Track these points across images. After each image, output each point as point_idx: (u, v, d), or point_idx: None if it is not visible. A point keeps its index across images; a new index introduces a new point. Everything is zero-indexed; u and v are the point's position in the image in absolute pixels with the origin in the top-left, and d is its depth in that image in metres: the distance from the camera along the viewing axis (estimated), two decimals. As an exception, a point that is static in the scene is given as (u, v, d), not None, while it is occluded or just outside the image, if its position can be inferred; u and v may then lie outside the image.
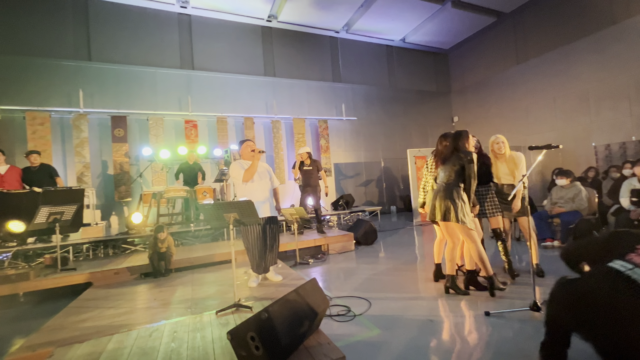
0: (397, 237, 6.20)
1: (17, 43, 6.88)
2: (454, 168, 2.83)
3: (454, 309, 2.63)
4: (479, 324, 2.35)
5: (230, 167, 3.22)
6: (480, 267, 2.86)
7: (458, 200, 2.77)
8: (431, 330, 2.29)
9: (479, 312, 2.52)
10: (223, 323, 2.32)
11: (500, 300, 2.76)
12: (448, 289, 2.97)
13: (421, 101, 11.53)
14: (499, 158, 3.40)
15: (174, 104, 8.02)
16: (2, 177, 4.98)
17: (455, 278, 2.99)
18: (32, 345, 2.19)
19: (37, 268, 3.75)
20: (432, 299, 2.88)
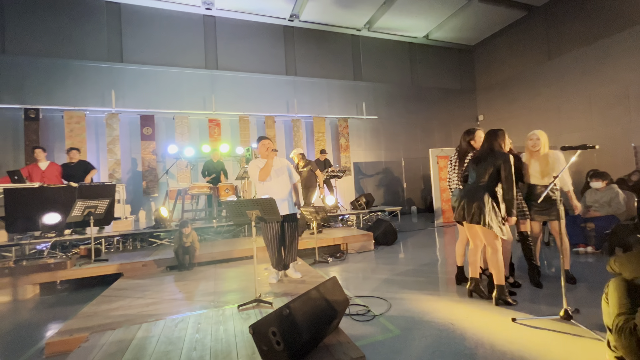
0: (418, 238, 6.09)
1: (57, 47, 7.33)
2: (489, 170, 2.66)
3: (478, 314, 2.55)
4: (505, 330, 2.27)
5: (249, 165, 3.28)
6: (494, 274, 2.72)
7: (488, 204, 2.64)
8: (453, 334, 2.24)
9: (505, 318, 2.44)
10: (244, 317, 2.38)
11: (527, 306, 2.65)
12: (471, 293, 2.89)
13: (444, 99, 11.23)
14: (533, 156, 3.17)
15: (198, 103, 8.27)
16: (43, 172, 5.35)
17: (479, 281, 2.90)
18: (69, 330, 2.34)
19: (73, 258, 3.99)
20: (454, 302, 2.81)
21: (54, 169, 5.46)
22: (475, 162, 2.81)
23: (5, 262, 3.58)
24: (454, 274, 3.44)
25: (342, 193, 9.10)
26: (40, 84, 7.09)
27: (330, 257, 4.62)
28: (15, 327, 2.82)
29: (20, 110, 6.83)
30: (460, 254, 3.30)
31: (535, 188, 3.16)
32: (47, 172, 5.38)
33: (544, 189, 3.04)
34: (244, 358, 1.79)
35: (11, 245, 4.73)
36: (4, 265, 3.53)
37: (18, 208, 4.69)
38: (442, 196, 7.61)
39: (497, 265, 2.68)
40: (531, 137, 3.16)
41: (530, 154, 3.19)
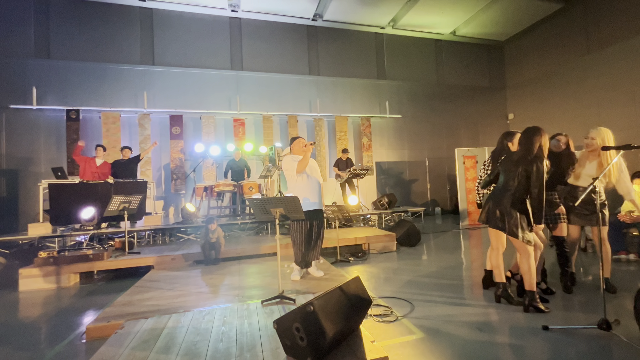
0: (442, 240, 5.94)
1: (95, 52, 7.81)
2: (518, 173, 2.50)
3: (506, 320, 2.46)
4: (536, 338, 2.17)
5: (283, 161, 3.35)
6: (525, 280, 2.60)
7: (514, 211, 2.52)
8: (480, 340, 2.17)
9: (536, 326, 2.33)
10: (268, 312, 2.44)
11: (560, 314, 2.52)
12: (499, 298, 2.79)
13: (472, 97, 10.85)
14: (589, 156, 2.95)
15: (224, 103, 8.51)
16: (97, 168, 5.86)
17: (507, 286, 2.80)
18: (106, 317, 2.50)
19: (109, 250, 4.24)
20: (481, 307, 2.72)
21: (107, 167, 6.00)
22: (505, 164, 2.67)
23: (50, 252, 3.87)
24: (481, 277, 3.33)
25: (364, 193, 9.05)
26: (80, 86, 7.58)
27: (351, 257, 4.61)
28: (58, 312, 3.05)
29: (62, 111, 7.34)
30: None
31: (577, 190, 2.98)
32: (100, 168, 5.87)
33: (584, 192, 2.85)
34: (268, 352, 1.83)
35: (55, 236, 5.10)
36: (49, 255, 3.82)
37: (61, 202, 5.06)
38: (468, 197, 7.37)
39: (528, 271, 2.57)
40: (592, 136, 2.89)
41: (589, 154, 2.96)
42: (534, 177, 2.43)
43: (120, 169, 6.06)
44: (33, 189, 6.99)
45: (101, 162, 6.02)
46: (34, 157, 7.21)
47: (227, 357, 1.80)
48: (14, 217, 6.98)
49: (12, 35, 7.32)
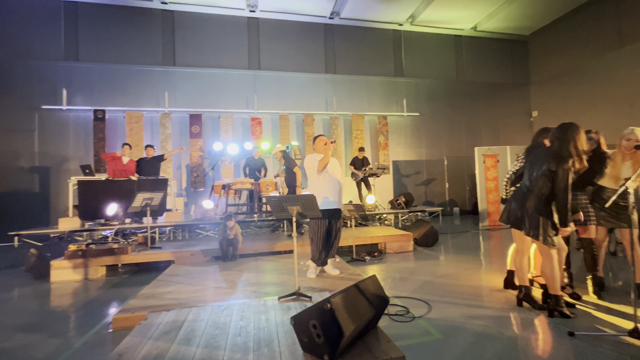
0: (461, 240, 5.80)
1: (120, 54, 8.11)
2: (543, 172, 2.38)
3: (529, 324, 2.38)
4: (561, 344, 2.09)
5: (305, 159, 3.37)
6: (549, 284, 2.50)
7: (536, 213, 2.41)
8: (502, 344, 2.11)
9: (561, 331, 2.24)
10: (285, 309, 2.46)
11: (587, 320, 2.41)
12: (521, 302, 2.70)
13: (493, 94, 10.52)
14: (625, 158, 2.78)
15: (241, 103, 8.65)
16: (123, 165, 6.10)
17: (529, 289, 2.70)
18: (131, 309, 2.61)
19: (133, 244, 4.41)
20: (502, 310, 2.65)
21: (132, 164, 6.24)
22: (531, 162, 2.55)
23: (78, 246, 4.07)
24: (501, 279, 3.24)
25: (380, 192, 8.96)
26: (106, 87, 7.91)
27: (367, 256, 4.59)
28: (86, 302, 3.20)
29: (90, 111, 7.68)
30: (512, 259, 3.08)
31: (605, 191, 2.84)
32: (127, 166, 6.12)
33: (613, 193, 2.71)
34: (285, 347, 1.86)
35: (83, 230, 5.36)
36: (78, 248, 4.02)
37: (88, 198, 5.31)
38: (488, 197, 7.17)
39: (551, 274, 2.47)
40: (628, 137, 2.71)
41: (623, 155, 2.79)
42: (559, 178, 2.29)
43: (145, 167, 6.30)
44: (63, 185, 7.36)
45: (127, 159, 6.26)
46: (64, 155, 7.59)
47: (245, 351, 1.84)
48: (45, 212, 7.39)
49: (44, 40, 7.72)
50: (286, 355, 1.77)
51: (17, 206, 7.25)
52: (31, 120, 7.48)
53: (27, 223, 7.09)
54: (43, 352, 2.18)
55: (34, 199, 7.38)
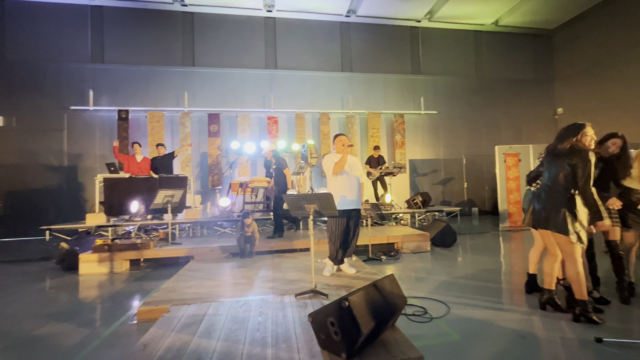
0: (480, 241, 5.67)
1: (142, 55, 8.39)
2: (564, 168, 2.36)
3: (553, 329, 2.30)
4: (587, 351, 2.01)
5: (324, 159, 3.37)
6: (574, 288, 2.41)
7: (563, 207, 2.35)
8: (524, 348, 2.06)
9: (587, 337, 2.16)
10: (302, 306, 2.49)
11: (616, 326, 2.31)
12: (545, 305, 2.61)
13: (515, 91, 10.17)
14: None
15: (258, 102, 8.75)
16: (138, 164, 6.30)
17: (554, 293, 2.61)
18: (154, 302, 2.71)
19: (154, 240, 4.57)
20: (524, 314, 2.57)
21: (146, 162, 6.43)
22: (549, 159, 2.50)
23: (105, 240, 4.25)
24: (522, 282, 3.15)
25: (397, 191, 8.87)
26: (129, 88, 8.19)
27: (384, 255, 4.56)
28: (112, 294, 3.35)
29: (114, 112, 7.98)
30: (534, 262, 2.99)
31: (632, 193, 2.71)
32: (141, 164, 6.34)
33: None
34: (302, 344, 1.88)
35: (108, 226, 5.59)
36: (104, 243, 4.20)
37: (113, 195, 5.53)
38: (509, 198, 6.96)
39: (577, 278, 2.38)
40: None
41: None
42: (581, 173, 2.27)
43: (159, 165, 6.47)
44: (90, 183, 7.70)
45: (141, 158, 6.45)
46: (91, 153, 7.94)
47: (263, 346, 1.88)
48: (74, 208, 7.76)
49: (72, 44, 8.08)
50: (304, 352, 1.79)
51: (48, 202, 7.64)
52: (60, 121, 7.86)
53: (57, 218, 7.47)
54: (74, 340, 2.31)
55: (63, 195, 7.76)
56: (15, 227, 7.38)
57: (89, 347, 2.20)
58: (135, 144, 6.51)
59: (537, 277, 3.03)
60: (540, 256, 2.98)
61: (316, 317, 1.81)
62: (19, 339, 2.37)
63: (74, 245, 4.41)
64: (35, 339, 2.35)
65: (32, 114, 7.72)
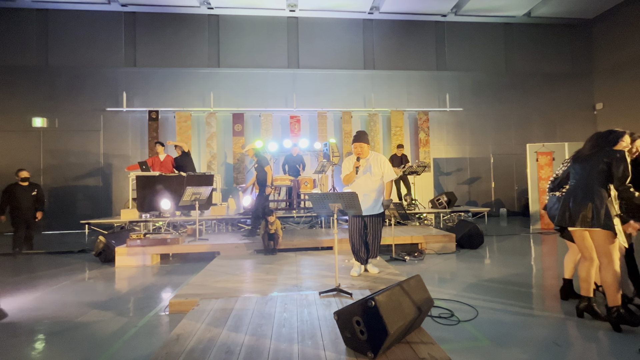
0: (509, 243, 5.45)
1: (171, 58, 8.73)
2: (597, 167, 2.30)
3: (591, 337, 2.18)
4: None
5: (344, 161, 3.36)
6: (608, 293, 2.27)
7: (600, 201, 2.25)
8: (558, 356, 1.97)
9: (630, 348, 2.03)
10: (326, 304, 2.51)
11: (664, 339, 2.15)
12: (582, 313, 2.48)
13: (549, 86, 9.64)
14: None
15: (281, 101, 8.86)
16: (162, 163, 6.55)
17: (592, 300, 2.47)
18: (184, 295, 2.83)
19: (183, 235, 4.76)
20: (559, 320, 2.45)
21: (169, 160, 6.65)
22: (578, 161, 2.46)
23: (138, 235, 4.48)
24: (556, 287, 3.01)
25: (420, 190, 8.68)
26: (158, 89, 8.56)
27: (407, 256, 4.49)
28: (145, 286, 3.53)
29: (145, 113, 8.37)
30: (570, 267, 2.84)
31: None
32: (165, 162, 6.58)
33: None
34: (328, 341, 1.90)
35: (140, 221, 5.88)
36: (137, 237, 4.43)
37: (145, 192, 5.81)
38: (541, 198, 6.63)
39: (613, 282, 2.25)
40: None
41: None
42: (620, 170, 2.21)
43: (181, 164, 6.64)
44: (124, 180, 8.13)
45: (164, 156, 6.68)
46: (124, 152, 8.38)
47: (290, 341, 1.92)
48: (109, 204, 8.23)
49: (107, 49, 8.55)
50: (329, 349, 1.81)
51: (86, 198, 8.16)
52: (97, 122, 8.35)
53: (95, 213, 7.97)
54: (113, 328, 2.46)
55: (100, 192, 8.25)
56: (58, 221, 7.94)
57: (127, 335, 2.34)
58: (158, 144, 6.73)
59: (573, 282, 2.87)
60: (576, 261, 2.82)
61: (342, 315, 1.82)
62: (66, 324, 2.55)
63: (111, 239, 4.68)
64: (79, 325, 2.53)
65: (72, 116, 8.25)
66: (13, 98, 8.11)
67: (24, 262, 4.80)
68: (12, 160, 7.90)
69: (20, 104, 8.11)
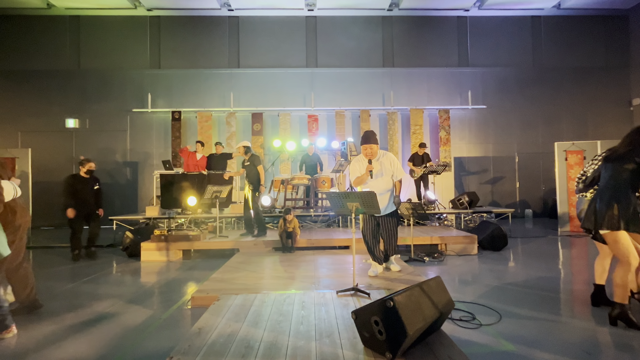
0: (535, 246, 5.22)
1: (192, 59, 8.98)
2: (628, 167, 2.20)
3: (626, 347, 2.06)
4: (669, 375, 1.77)
5: (351, 162, 3.34)
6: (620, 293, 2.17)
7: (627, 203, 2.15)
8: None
9: (669, 360, 1.90)
10: (343, 303, 2.51)
11: None
12: (615, 321, 2.34)
13: (580, 81, 9.15)
14: None
15: (299, 101, 8.91)
16: (197, 162, 6.79)
17: (627, 308, 2.33)
18: (206, 290, 2.91)
19: (204, 232, 4.90)
20: (589, 328, 2.33)
21: (204, 160, 6.96)
22: (609, 161, 2.34)
23: (162, 231, 4.65)
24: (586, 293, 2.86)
25: (440, 190, 8.48)
26: (181, 90, 8.83)
27: (427, 257, 4.41)
28: (169, 281, 3.66)
29: (168, 113, 8.66)
30: (601, 272, 2.69)
31: None
32: (200, 161, 6.82)
33: None
34: (345, 340, 1.90)
35: (164, 218, 6.10)
36: (162, 233, 4.60)
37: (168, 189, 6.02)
38: (570, 199, 6.31)
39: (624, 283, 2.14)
40: None
41: None
42: None
43: (214, 162, 6.89)
44: (148, 178, 8.46)
45: (200, 156, 6.92)
46: (149, 151, 8.71)
47: (308, 339, 1.93)
48: (135, 201, 8.59)
49: (133, 52, 8.90)
50: (347, 347, 1.81)
51: (114, 195, 8.55)
52: (124, 122, 8.72)
53: (122, 209, 8.33)
54: (139, 320, 2.57)
55: (126, 189, 8.63)
56: (88, 217, 8.37)
57: (152, 327, 2.43)
58: (198, 143, 7.00)
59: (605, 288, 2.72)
60: (607, 265, 2.67)
61: (360, 314, 1.81)
62: (97, 314, 2.70)
63: (137, 234, 4.89)
64: (109, 315, 2.66)
65: (102, 117, 8.66)
66: (49, 101, 8.61)
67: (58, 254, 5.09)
68: (49, 160, 8.41)
69: (55, 106, 8.60)
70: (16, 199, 2.57)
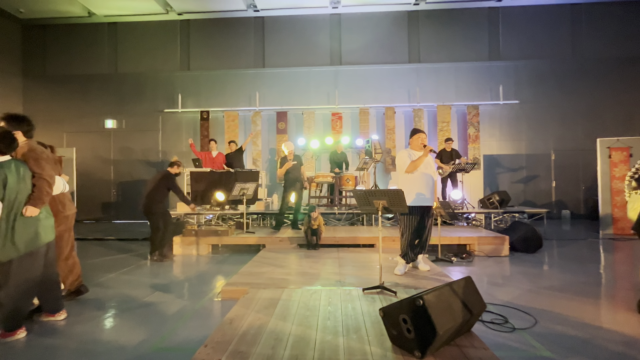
0: (573, 249, 4.93)
1: (220, 60, 9.24)
2: None
3: (678, 359, 1.90)
4: None
5: (398, 155, 3.34)
6: None
7: None
8: (634, 376, 1.75)
9: None
10: (370, 300, 2.51)
11: None
12: (666, 330, 2.17)
13: (626, 72, 8.46)
14: None
15: (323, 99, 8.93)
16: (213, 159, 6.99)
17: (681, 318, 2.15)
18: (235, 283, 3.02)
19: (232, 228, 5.05)
20: (635, 336, 2.18)
21: (221, 157, 7.09)
22: None
23: (192, 226, 4.86)
24: (632, 300, 2.66)
25: (468, 189, 8.19)
26: (209, 91, 9.12)
27: (454, 257, 4.29)
28: (200, 274, 3.82)
29: (197, 113, 8.99)
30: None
31: None
32: (216, 159, 7.02)
33: None
34: (373, 337, 1.90)
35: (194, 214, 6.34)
36: (192, 228, 4.80)
37: (198, 186, 6.26)
38: (614, 200, 5.88)
39: None
40: None
41: None
42: None
43: (232, 160, 7.06)
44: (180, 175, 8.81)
45: (216, 153, 7.08)
46: (179, 150, 9.09)
47: (335, 334, 1.95)
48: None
49: (165, 55, 9.31)
50: (375, 344, 1.82)
51: (147, 191, 9.01)
52: (156, 122, 9.16)
53: (154, 205, 8.75)
54: (174, 310, 2.71)
55: (159, 186, 9.06)
56: (124, 212, 8.91)
57: (186, 317, 2.56)
58: (212, 141, 7.20)
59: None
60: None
61: (388, 312, 1.81)
62: (134, 302, 2.88)
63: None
64: (146, 305, 2.82)
65: (136, 117, 9.15)
66: (89, 103, 9.21)
67: (98, 246, 5.46)
68: (90, 158, 9.02)
69: (95, 108, 9.19)
70: (65, 194, 2.79)
